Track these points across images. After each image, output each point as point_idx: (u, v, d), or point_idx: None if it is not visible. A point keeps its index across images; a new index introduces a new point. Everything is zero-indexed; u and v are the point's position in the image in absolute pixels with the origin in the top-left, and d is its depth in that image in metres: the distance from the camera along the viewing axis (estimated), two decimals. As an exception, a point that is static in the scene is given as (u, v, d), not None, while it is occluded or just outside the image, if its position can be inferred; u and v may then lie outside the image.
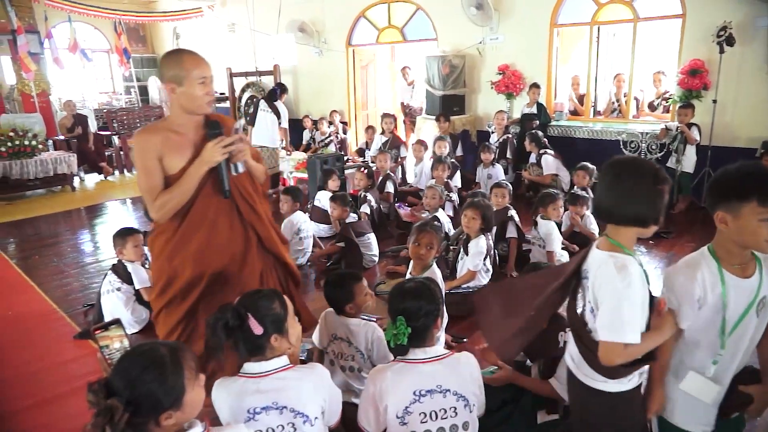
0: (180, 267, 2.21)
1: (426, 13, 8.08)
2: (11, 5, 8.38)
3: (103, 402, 1.23)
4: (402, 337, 1.83)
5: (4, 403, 2.81)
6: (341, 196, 4.64)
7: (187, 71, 2.07)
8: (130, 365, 1.30)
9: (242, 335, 1.72)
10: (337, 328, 2.48)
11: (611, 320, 1.54)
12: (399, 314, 1.85)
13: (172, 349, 1.35)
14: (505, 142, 6.84)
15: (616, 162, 1.64)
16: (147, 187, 2.10)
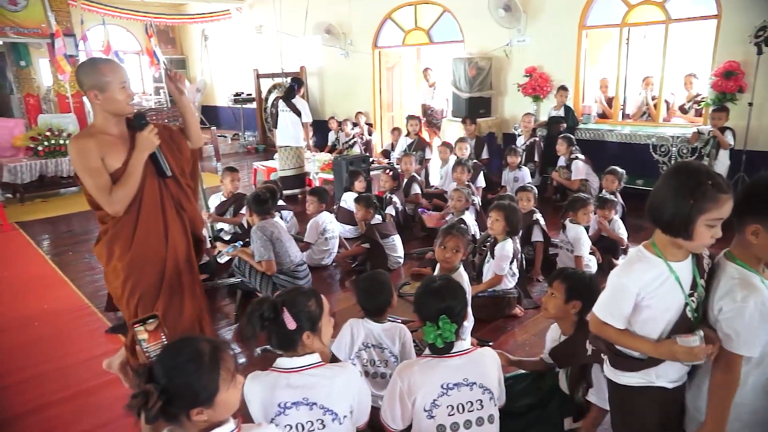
0: (141, 257, 2.36)
1: (453, 14, 8.06)
2: (51, 10, 8.63)
3: (142, 386, 1.28)
4: (449, 335, 1.86)
5: (44, 395, 2.89)
6: (366, 197, 4.65)
7: (108, 78, 2.20)
8: (171, 356, 1.35)
9: (276, 328, 1.77)
10: (367, 335, 2.46)
11: (601, 298, 1.73)
12: (441, 313, 1.87)
13: (213, 348, 1.38)
14: (532, 145, 6.78)
15: (679, 162, 1.67)
16: (99, 187, 2.22)
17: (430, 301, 1.94)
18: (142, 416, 1.27)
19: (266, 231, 3.64)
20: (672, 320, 1.63)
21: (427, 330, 1.86)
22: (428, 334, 1.86)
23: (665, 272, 1.60)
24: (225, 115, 13.06)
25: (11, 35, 8.50)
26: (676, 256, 1.61)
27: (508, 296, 3.57)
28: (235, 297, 3.99)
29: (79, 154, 2.21)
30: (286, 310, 1.76)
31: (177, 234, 2.47)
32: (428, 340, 1.87)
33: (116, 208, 2.26)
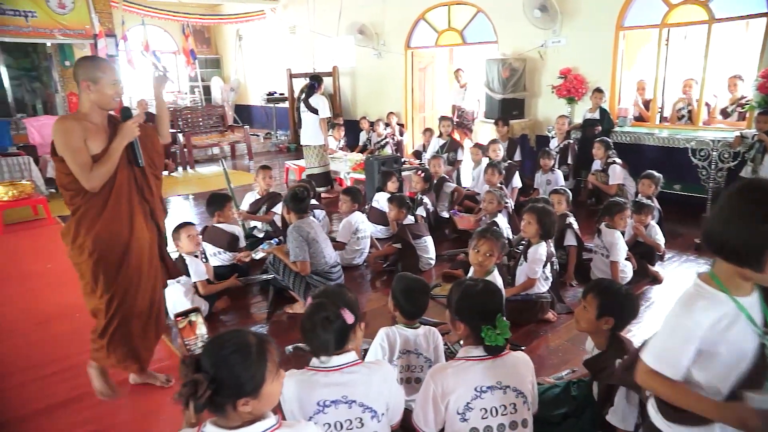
0: (106, 236, 2.55)
1: (486, 15, 8.00)
2: (95, 12, 8.91)
3: (191, 375, 1.31)
4: (507, 332, 1.87)
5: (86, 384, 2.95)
6: (399, 197, 4.64)
7: (103, 74, 2.46)
8: (220, 346, 1.37)
9: (337, 327, 1.81)
10: (405, 342, 2.45)
11: (654, 343, 1.47)
12: (490, 314, 1.88)
13: (260, 340, 1.41)
14: (565, 148, 6.68)
15: (747, 180, 1.43)
16: (81, 163, 2.42)
17: (474, 304, 1.94)
18: (190, 405, 1.30)
19: (302, 231, 3.66)
20: (744, 369, 1.39)
21: (487, 332, 1.86)
22: (489, 336, 1.85)
23: (733, 310, 1.36)
24: (258, 114, 13.23)
25: (59, 37, 8.83)
26: (743, 289, 1.38)
27: (541, 300, 3.53)
28: (267, 294, 4.03)
29: (65, 133, 2.42)
30: (344, 307, 1.83)
31: (141, 221, 2.66)
32: (489, 342, 1.86)
33: (94, 184, 2.46)
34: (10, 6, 8.19)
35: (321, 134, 6.85)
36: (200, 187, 8.15)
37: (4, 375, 3.08)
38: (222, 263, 4.25)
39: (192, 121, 10.70)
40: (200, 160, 10.25)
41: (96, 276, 2.61)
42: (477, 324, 1.88)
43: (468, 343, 1.95)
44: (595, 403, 2.28)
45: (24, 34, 8.51)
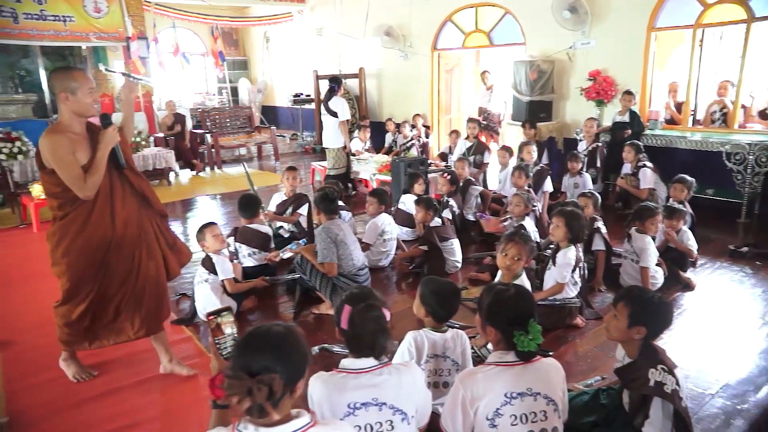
0: (97, 236, 2.69)
1: (514, 17, 7.93)
2: (128, 15, 9.13)
3: (250, 381, 1.29)
4: (540, 337, 1.85)
5: (116, 379, 3.03)
6: (426, 199, 4.62)
7: (79, 84, 2.55)
8: (279, 341, 1.39)
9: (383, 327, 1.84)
10: (432, 346, 2.44)
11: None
12: (522, 319, 1.86)
13: (295, 328, 1.46)
14: (594, 151, 6.58)
15: None
16: (74, 176, 2.55)
17: (506, 309, 1.91)
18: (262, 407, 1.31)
19: (331, 233, 3.67)
20: None
21: (519, 337, 1.84)
22: (521, 341, 1.83)
23: None
24: (284, 116, 13.35)
25: (94, 40, 9.09)
26: None
27: (570, 305, 3.47)
28: (293, 294, 4.05)
29: (55, 148, 2.53)
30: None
31: (124, 220, 2.77)
32: (522, 348, 1.84)
33: (88, 194, 2.59)
34: (51, 11, 8.48)
35: (341, 137, 6.90)
36: (227, 188, 8.25)
37: (37, 370, 3.16)
38: (256, 263, 4.30)
39: (219, 121, 10.86)
40: (227, 161, 10.39)
41: (75, 276, 2.74)
42: (508, 329, 1.86)
43: (499, 349, 1.93)
44: (626, 413, 2.23)
45: (62, 38, 8.79)
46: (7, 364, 3.24)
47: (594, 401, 2.39)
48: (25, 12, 8.25)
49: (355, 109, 10.38)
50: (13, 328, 3.70)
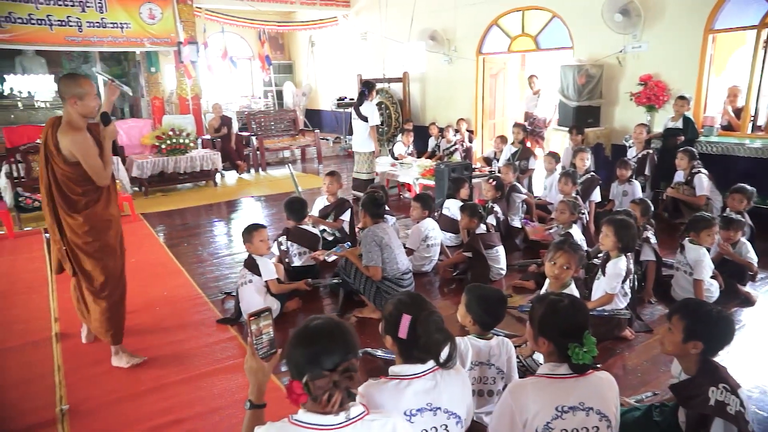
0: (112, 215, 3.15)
1: (562, 20, 7.79)
2: (180, 21, 9.45)
3: (335, 375, 1.40)
4: (594, 349, 1.81)
5: (163, 376, 3.12)
6: (471, 206, 4.56)
7: (86, 90, 2.89)
8: (344, 333, 1.49)
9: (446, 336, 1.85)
10: (477, 353, 2.42)
11: None
12: (576, 331, 1.82)
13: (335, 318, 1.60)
14: (644, 158, 6.38)
15: None
16: (99, 165, 2.99)
17: (560, 320, 1.86)
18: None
19: (376, 237, 3.69)
20: None
21: (573, 350, 1.79)
22: (575, 354, 1.79)
23: None
24: (327, 119, 13.49)
25: (148, 45, 9.46)
26: None
27: (619, 317, 3.37)
28: (337, 297, 4.08)
29: (84, 143, 2.93)
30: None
31: (116, 200, 3.25)
32: (576, 360, 1.79)
33: (107, 181, 3.06)
34: (111, 19, 8.91)
35: (371, 141, 6.97)
36: (271, 189, 8.39)
37: (94, 362, 3.29)
38: (305, 263, 4.36)
39: (264, 124, 11.06)
40: (271, 163, 10.58)
41: (100, 255, 3.11)
42: (562, 341, 1.82)
43: (551, 360, 1.89)
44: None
45: (119, 44, 9.20)
46: (66, 356, 3.38)
47: (646, 418, 2.31)
48: (88, 21, 8.72)
49: (398, 113, 10.40)
50: (70, 321, 3.86)
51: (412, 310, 1.81)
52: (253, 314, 1.64)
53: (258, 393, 1.66)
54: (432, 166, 6.69)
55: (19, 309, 4.12)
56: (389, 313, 1.87)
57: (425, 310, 1.83)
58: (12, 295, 4.40)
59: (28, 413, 2.80)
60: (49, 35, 8.50)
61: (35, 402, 2.89)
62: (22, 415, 2.79)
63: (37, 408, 2.83)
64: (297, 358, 1.45)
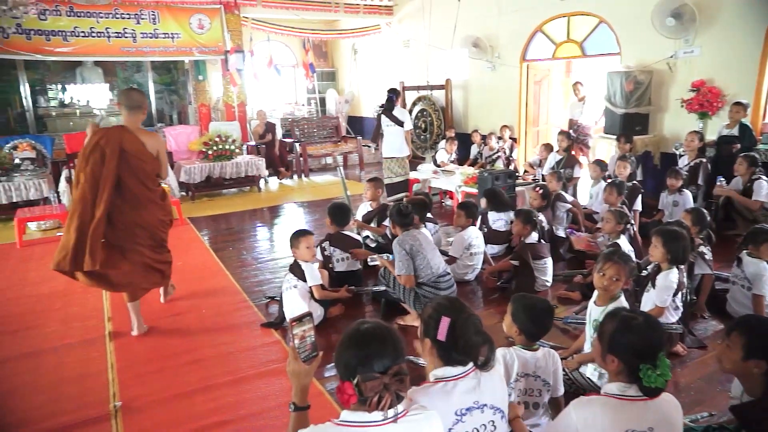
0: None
1: (609, 26, 7.62)
2: (228, 30, 9.73)
3: (386, 377, 1.43)
4: (668, 373, 1.72)
5: (209, 377, 3.19)
6: (526, 212, 4.45)
7: (145, 101, 3.66)
8: (394, 337, 1.53)
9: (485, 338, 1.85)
10: (523, 364, 2.38)
11: None
12: (651, 351, 1.74)
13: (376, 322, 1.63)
14: (696, 167, 6.15)
15: None
16: (167, 162, 3.78)
17: (634, 339, 1.78)
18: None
19: (405, 245, 3.69)
20: None
21: (646, 371, 1.71)
22: (648, 376, 1.71)
23: None
24: (370, 126, 13.54)
25: (197, 54, 9.81)
26: None
27: (670, 332, 3.26)
28: (379, 303, 4.10)
29: (163, 145, 3.74)
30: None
31: None
32: (648, 383, 1.71)
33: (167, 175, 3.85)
34: (163, 30, 9.31)
35: (406, 146, 7.02)
36: (314, 195, 8.50)
37: (145, 361, 3.40)
38: (346, 269, 4.38)
39: (308, 131, 11.22)
40: (314, 169, 10.72)
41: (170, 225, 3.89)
42: (634, 361, 1.74)
43: (619, 379, 1.81)
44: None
45: (170, 53, 9.62)
46: (118, 354, 3.51)
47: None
48: (142, 32, 9.15)
49: (440, 120, 10.39)
50: (124, 320, 4.00)
51: (451, 312, 1.81)
52: (296, 319, 1.67)
53: (301, 395, 1.69)
54: (475, 173, 6.64)
55: (76, 307, 4.31)
56: (428, 315, 1.87)
57: (464, 312, 1.82)
58: (71, 293, 4.59)
59: (84, 407, 2.92)
60: (107, 47, 8.93)
61: (91, 397, 3.01)
62: (80, 409, 2.91)
63: (92, 402, 2.95)
64: (348, 359, 1.47)
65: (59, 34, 8.53)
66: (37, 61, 9.65)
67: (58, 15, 8.46)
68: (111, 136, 3.41)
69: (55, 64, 10.53)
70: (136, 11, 9.01)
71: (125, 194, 3.48)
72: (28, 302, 4.46)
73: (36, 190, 7.03)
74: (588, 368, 2.86)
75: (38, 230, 6.72)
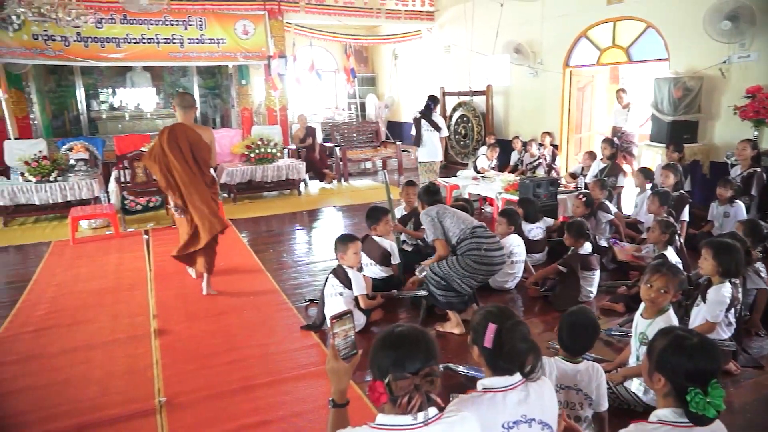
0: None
1: (658, 30, 7.42)
2: (271, 35, 9.94)
3: (417, 378, 1.45)
4: (721, 403, 1.58)
5: (250, 377, 3.25)
6: (578, 224, 4.31)
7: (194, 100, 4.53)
8: (427, 340, 1.55)
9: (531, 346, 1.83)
10: (562, 376, 2.34)
11: None
12: (711, 377, 1.61)
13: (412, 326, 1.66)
14: (750, 177, 5.90)
15: None
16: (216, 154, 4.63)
17: (685, 360, 1.66)
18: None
19: (431, 212, 3.79)
20: None
21: (694, 396, 1.59)
22: (696, 402, 1.58)
23: None
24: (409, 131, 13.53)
25: (241, 59, 10.05)
26: None
27: (722, 348, 3.13)
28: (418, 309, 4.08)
29: (214, 137, 4.64)
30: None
31: None
32: (695, 410, 1.59)
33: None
34: (209, 36, 9.60)
35: (441, 150, 7.42)
36: (353, 200, 8.56)
37: (189, 359, 3.49)
38: (373, 275, 4.36)
39: (347, 135, 11.32)
40: (353, 174, 10.79)
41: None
42: (682, 383, 1.63)
43: (667, 402, 1.70)
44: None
45: (215, 58, 9.89)
46: (163, 351, 3.60)
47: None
48: (189, 38, 9.45)
49: (480, 126, 10.32)
50: (168, 318, 4.13)
51: (498, 319, 1.78)
52: (336, 316, 1.68)
53: (340, 393, 1.72)
54: (516, 180, 6.56)
55: (124, 304, 4.46)
56: (476, 322, 1.85)
57: (511, 319, 1.80)
58: (119, 290, 4.77)
59: (131, 401, 3.01)
60: (156, 52, 9.25)
61: (137, 392, 3.10)
62: (127, 402, 3.01)
63: (139, 397, 3.04)
64: (381, 360, 1.51)
65: (113, 41, 8.90)
66: (92, 67, 10.10)
67: (113, 23, 8.84)
68: (177, 131, 4.29)
69: (107, 70, 11.02)
70: (184, 18, 9.30)
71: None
72: (80, 297, 4.64)
73: (88, 190, 7.31)
74: (633, 383, 2.78)
75: (89, 228, 6.99)
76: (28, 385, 3.23)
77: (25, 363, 3.50)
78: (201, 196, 4.39)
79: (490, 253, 3.59)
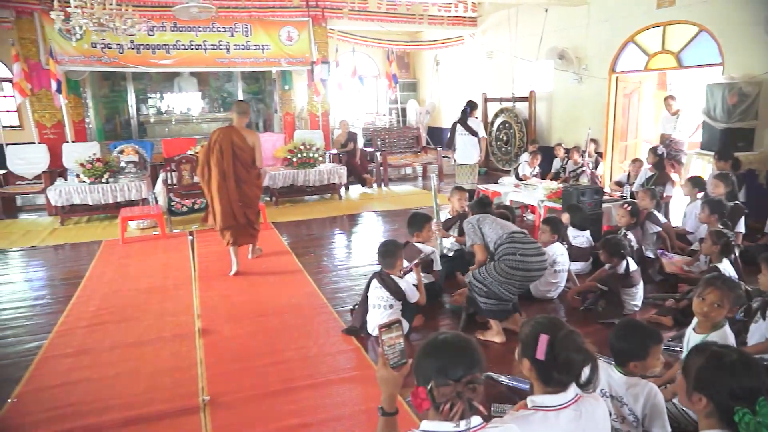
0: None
1: (711, 34, 7.17)
2: (315, 42, 10.10)
3: (460, 385, 1.45)
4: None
5: (291, 379, 3.28)
6: (614, 242, 4.12)
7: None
8: (471, 348, 1.54)
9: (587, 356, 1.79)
10: (608, 384, 2.28)
11: None
12: (758, 394, 1.52)
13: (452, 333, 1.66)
14: (810, 188, 5.64)
15: None
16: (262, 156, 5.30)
17: (726, 378, 1.58)
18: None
19: (472, 219, 3.84)
20: None
21: (742, 417, 1.50)
22: (745, 424, 1.50)
23: None
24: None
25: (284, 65, 10.25)
26: None
27: (778, 367, 2.99)
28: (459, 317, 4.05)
29: (260, 139, 5.25)
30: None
31: None
32: (746, 430, 1.50)
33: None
34: (254, 42, 9.84)
35: (477, 153, 7.85)
36: (394, 205, 8.57)
37: (232, 359, 3.55)
38: (413, 281, 4.30)
39: (388, 141, 11.36)
40: (393, 179, 10.81)
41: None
42: (727, 403, 1.55)
43: (710, 424, 1.63)
44: None
45: (259, 63, 10.14)
46: (207, 350, 3.69)
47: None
48: (235, 44, 9.73)
49: (522, 133, 10.19)
50: (211, 318, 4.22)
51: (549, 330, 1.74)
52: (384, 325, 1.68)
53: (389, 401, 1.71)
54: (559, 188, 6.43)
55: (170, 303, 4.59)
56: (526, 334, 1.80)
57: (563, 329, 1.75)
58: (165, 289, 4.91)
59: (177, 398, 3.09)
60: (203, 58, 9.54)
61: (182, 389, 3.18)
62: (172, 399, 3.09)
63: (184, 395, 3.12)
64: (425, 367, 1.52)
65: (163, 48, 9.24)
66: (143, 73, 10.48)
67: (164, 30, 9.19)
68: (224, 134, 4.98)
69: (156, 75, 11.42)
70: (231, 24, 9.56)
71: (235, 174, 5.04)
72: (128, 295, 4.81)
73: (137, 191, 7.58)
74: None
75: (137, 228, 7.23)
76: (83, 377, 3.37)
77: (79, 356, 3.65)
78: (223, 194, 5.02)
79: (527, 258, 3.50)
